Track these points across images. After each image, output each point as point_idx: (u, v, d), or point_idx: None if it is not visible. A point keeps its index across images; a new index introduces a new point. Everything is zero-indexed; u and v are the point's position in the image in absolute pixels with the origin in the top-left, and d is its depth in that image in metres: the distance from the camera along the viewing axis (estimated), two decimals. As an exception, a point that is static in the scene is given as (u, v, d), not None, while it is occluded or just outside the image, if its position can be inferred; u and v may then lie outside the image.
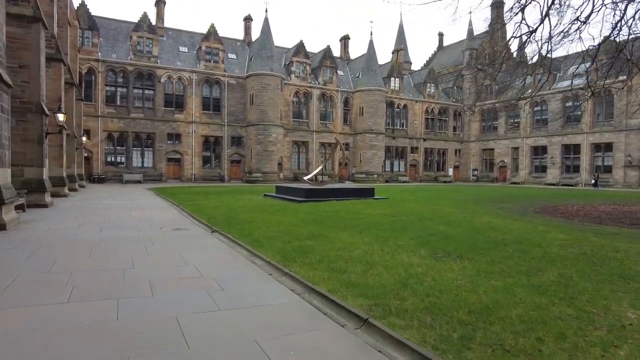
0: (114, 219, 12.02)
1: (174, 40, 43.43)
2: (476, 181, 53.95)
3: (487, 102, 53.76)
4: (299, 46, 45.64)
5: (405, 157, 51.65)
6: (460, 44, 60.80)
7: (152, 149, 39.26)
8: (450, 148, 54.74)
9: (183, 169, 40.43)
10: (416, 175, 52.48)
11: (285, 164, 44.61)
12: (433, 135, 53.68)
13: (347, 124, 48.33)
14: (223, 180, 41.51)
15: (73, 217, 12.15)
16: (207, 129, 41.15)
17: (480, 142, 54.88)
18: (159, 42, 40.50)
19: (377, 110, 46.93)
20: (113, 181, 36.96)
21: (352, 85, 49.01)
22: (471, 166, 55.62)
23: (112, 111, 37.91)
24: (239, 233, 9.67)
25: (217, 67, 41.63)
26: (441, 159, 54.71)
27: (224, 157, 42.03)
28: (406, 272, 6.06)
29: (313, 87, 45.97)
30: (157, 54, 39.66)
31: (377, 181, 46.24)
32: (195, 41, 43.85)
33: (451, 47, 63.66)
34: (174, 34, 44.11)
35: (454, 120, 55.17)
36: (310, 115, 46.13)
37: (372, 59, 47.76)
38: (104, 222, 11.30)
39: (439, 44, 66.64)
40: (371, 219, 12.17)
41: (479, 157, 55.11)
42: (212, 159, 42.02)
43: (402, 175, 50.92)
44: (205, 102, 41.39)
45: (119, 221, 11.64)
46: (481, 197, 22.61)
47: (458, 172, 55.78)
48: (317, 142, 46.45)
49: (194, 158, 40.72)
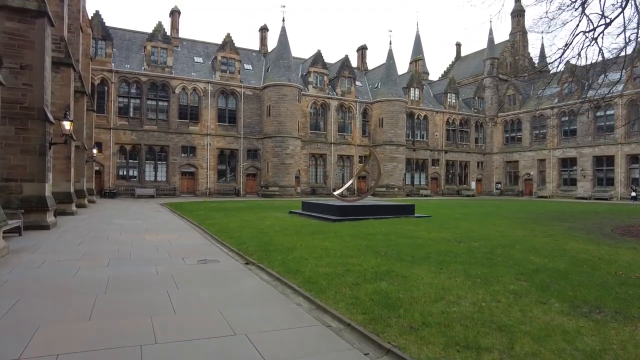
0: (126, 247, 9.88)
1: (189, 50, 42.07)
2: (500, 195, 51.63)
3: (510, 113, 51.69)
4: (317, 56, 44.08)
5: (426, 170, 49.51)
6: (479, 53, 59.08)
7: (166, 162, 37.54)
8: (472, 160, 52.53)
9: (197, 183, 38.61)
10: (437, 189, 50.23)
11: (303, 178, 42.67)
12: (454, 147, 51.56)
13: (365, 136, 46.49)
14: (238, 195, 39.64)
15: (77, 244, 10.04)
16: (222, 142, 39.46)
17: (503, 154, 52.57)
18: (173, 52, 39.13)
19: (397, 121, 45.02)
20: (125, 196, 35.19)
21: (370, 96, 47.33)
22: (494, 179, 53.33)
23: (125, 123, 36.32)
24: (282, 267, 7.49)
25: (233, 77, 40.11)
26: (463, 172, 52.48)
27: (240, 171, 40.21)
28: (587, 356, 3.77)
29: (331, 98, 44.28)
30: (172, 65, 38.23)
31: (398, 195, 44.07)
32: (210, 52, 42.54)
33: (469, 57, 61.96)
34: (188, 44, 42.79)
35: (475, 132, 53.08)
36: (328, 126, 44.34)
37: (392, 68, 46.04)
38: (113, 252, 9.15)
39: (456, 55, 65.03)
40: (436, 245, 9.90)
41: (502, 169, 52.74)
42: (227, 173, 40.26)
43: (424, 188, 48.72)
44: (220, 113, 39.79)
45: (131, 249, 9.50)
46: (534, 214, 20.12)
47: (480, 186, 53.43)
48: (335, 155, 44.56)
49: (209, 171, 38.92)
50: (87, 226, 13.70)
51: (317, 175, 44.27)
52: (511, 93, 51.59)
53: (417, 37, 62.82)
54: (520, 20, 56.15)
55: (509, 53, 55.91)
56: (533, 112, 47.68)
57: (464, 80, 56.68)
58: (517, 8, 55.80)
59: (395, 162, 44.99)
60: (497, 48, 54.73)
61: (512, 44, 56.23)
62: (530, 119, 49.38)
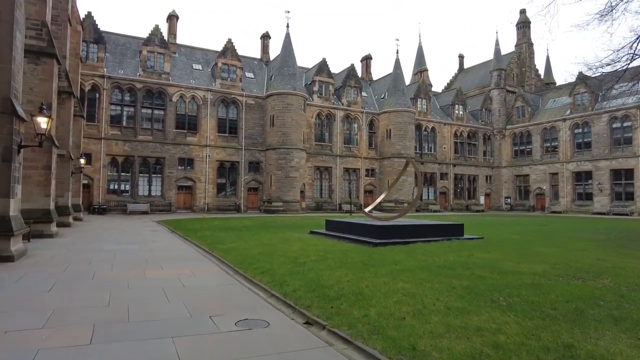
0: (120, 294, 6.71)
1: (187, 57, 39.54)
2: (510, 210, 49.63)
3: (519, 125, 49.93)
4: (322, 65, 41.93)
5: (434, 184, 47.31)
6: (484, 65, 57.73)
7: (161, 175, 34.62)
8: (480, 174, 50.53)
9: (195, 198, 35.72)
10: (446, 204, 48.02)
11: (308, 192, 40.06)
12: (463, 161, 49.56)
13: (372, 148, 44.33)
14: (239, 211, 36.82)
15: (45, 289, 6.84)
16: (222, 153, 36.76)
17: (512, 168, 50.60)
18: (171, 58, 36.48)
19: (406, 132, 42.93)
20: (116, 212, 31.96)
21: (377, 106, 45.41)
22: (503, 193, 51.31)
23: (117, 133, 33.29)
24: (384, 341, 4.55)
25: (234, 85, 37.64)
26: (472, 186, 50.43)
27: (241, 185, 37.48)
28: None
29: (336, 108, 42.12)
30: (169, 71, 35.62)
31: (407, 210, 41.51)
32: (210, 58, 40.21)
33: (474, 69, 60.59)
34: (186, 50, 40.24)
35: (483, 145, 51.22)
36: (333, 138, 42.01)
37: (399, 78, 44.13)
38: (100, 306, 5.98)
39: (459, 66, 63.80)
40: (560, 287, 7.02)
41: (512, 183, 50.67)
42: (227, 187, 37.55)
43: (433, 203, 46.41)
44: (220, 123, 37.19)
45: (129, 300, 6.33)
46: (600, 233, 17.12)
47: (489, 200, 51.38)
48: (340, 168, 42.13)
49: (208, 185, 36.04)
50: (66, 255, 10.48)
51: (322, 189, 41.70)
52: (520, 105, 50.06)
53: (420, 49, 61.50)
54: (526, 32, 54.89)
55: (515, 64, 54.47)
56: (544, 124, 45.99)
57: (469, 92, 55.04)
58: (523, 20, 54.43)
59: (404, 175, 42.26)
60: (504, 59, 53.16)
61: (518, 55, 54.90)
62: (540, 132, 47.55)
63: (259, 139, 38.30)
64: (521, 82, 54.24)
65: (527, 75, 54.50)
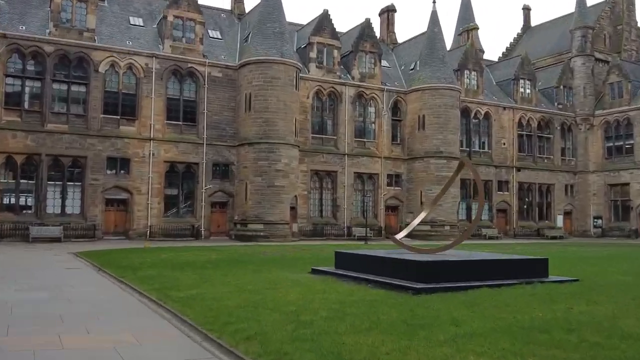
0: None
1: (122, 7, 40.63)
2: (601, 235, 50.29)
3: (615, 110, 50.64)
4: (323, 19, 42.68)
5: (490, 198, 47.90)
6: (560, 22, 59.27)
7: (81, 183, 35.25)
8: (557, 182, 51.75)
9: (132, 218, 36.27)
10: (507, 227, 49.08)
11: (302, 209, 40.54)
12: (531, 163, 50.74)
13: (397, 143, 45.32)
14: (198, 236, 37.40)
15: None
16: (173, 151, 37.33)
17: (604, 173, 51.66)
18: (97, 7, 37.05)
19: (448, 120, 43.64)
20: (12, 238, 32.22)
21: (403, 82, 46.48)
22: (591, 211, 52.06)
23: (15, 120, 33.97)
24: None
25: (192, 49, 38.43)
26: (544, 201, 51.50)
27: (201, 198, 37.79)
28: None
29: (344, 84, 42.81)
30: (95, 27, 36.29)
31: (451, 236, 40.87)
32: (156, 9, 41.14)
33: (545, 26, 62.14)
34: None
35: (561, 139, 52.36)
36: (339, 128, 42.70)
37: (437, 39, 45.19)
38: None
39: (524, 23, 65.23)
40: None
41: (604, 196, 51.73)
42: (180, 201, 38.21)
43: (487, 226, 46.95)
44: (171, 106, 37.82)
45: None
46: None
47: (570, 222, 52.48)
48: (350, 173, 42.84)
49: (152, 199, 36.51)
50: None
51: (324, 204, 42.35)
52: (615, 80, 50.44)
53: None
54: None
55: (607, 21, 55.53)
56: None
57: (540, 61, 56.07)
58: None
59: (444, 184, 42.10)
60: (590, 13, 54.41)
61: (612, 7, 55.40)
62: None
63: (229, 130, 38.63)
64: (616, 48, 54.97)
65: (626, 36, 54.76)
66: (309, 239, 38.31)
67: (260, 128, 36.94)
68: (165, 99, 37.08)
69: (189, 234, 37.01)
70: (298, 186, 39.23)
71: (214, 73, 38.17)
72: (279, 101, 37.12)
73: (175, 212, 37.54)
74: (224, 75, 38.49)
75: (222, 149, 38.21)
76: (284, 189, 37.12)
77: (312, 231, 40.12)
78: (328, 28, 41.87)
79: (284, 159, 37.06)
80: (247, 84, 37.64)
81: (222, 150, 38.18)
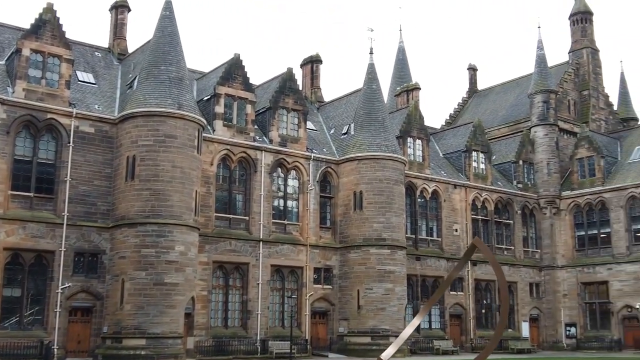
0: None
1: None
2: (576, 348, 48.21)
3: (586, 191, 49.95)
4: (233, 64, 39.60)
5: (442, 300, 44.83)
6: (514, 85, 61.97)
7: None
8: (520, 280, 50.47)
9: None
10: (463, 338, 46.10)
11: (201, 316, 35.41)
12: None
13: (326, 227, 42.62)
14: (49, 358, 31.13)
15: None
16: (18, 233, 32.53)
17: (577, 270, 50.37)
18: None
19: (392, 199, 41.04)
20: None
21: (334, 149, 44.30)
22: (562, 317, 49.69)
23: None
24: None
25: (54, 95, 34.09)
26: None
27: (54, 301, 32.14)
28: None
29: (260, 149, 39.76)
30: None
31: (398, 354, 35.69)
32: (5, 41, 37.46)
33: (495, 90, 64.80)
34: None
35: (523, 226, 51.14)
36: (253, 205, 39.09)
37: (376, 99, 43.48)
38: None
39: (470, 86, 66.73)
40: None
41: (577, 298, 49.74)
42: (24, 306, 32.57)
43: (440, 337, 43.90)
44: (20, 170, 33.33)
45: None
46: None
47: (538, 331, 50.50)
48: (266, 266, 38.71)
49: None
50: None
51: (229, 309, 38.08)
52: (585, 155, 50.11)
53: (401, 52, 64.04)
54: (586, 29, 56.65)
55: (571, 85, 55.75)
56: (629, 189, 46.33)
57: (492, 131, 56.65)
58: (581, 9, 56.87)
59: (389, 280, 40.62)
60: (551, 75, 54.53)
61: (576, 68, 57.10)
62: (624, 203, 47.44)
63: (101, 206, 34.91)
64: (583, 117, 55.73)
65: (593, 103, 55.71)
66: (209, 358, 33.58)
67: (147, 203, 32.28)
68: (11, 160, 31.96)
69: (34, 354, 30.77)
70: (196, 284, 34.33)
71: (83, 128, 33.61)
72: (175, 167, 32.68)
73: (16, 322, 31.54)
74: (98, 131, 34.06)
75: (91, 231, 33.29)
76: (178, 287, 31.92)
77: (215, 347, 34.66)
78: (240, 77, 38.49)
79: (178, 245, 32.15)
80: (130, 143, 33.16)
81: (89, 233, 33.24)
